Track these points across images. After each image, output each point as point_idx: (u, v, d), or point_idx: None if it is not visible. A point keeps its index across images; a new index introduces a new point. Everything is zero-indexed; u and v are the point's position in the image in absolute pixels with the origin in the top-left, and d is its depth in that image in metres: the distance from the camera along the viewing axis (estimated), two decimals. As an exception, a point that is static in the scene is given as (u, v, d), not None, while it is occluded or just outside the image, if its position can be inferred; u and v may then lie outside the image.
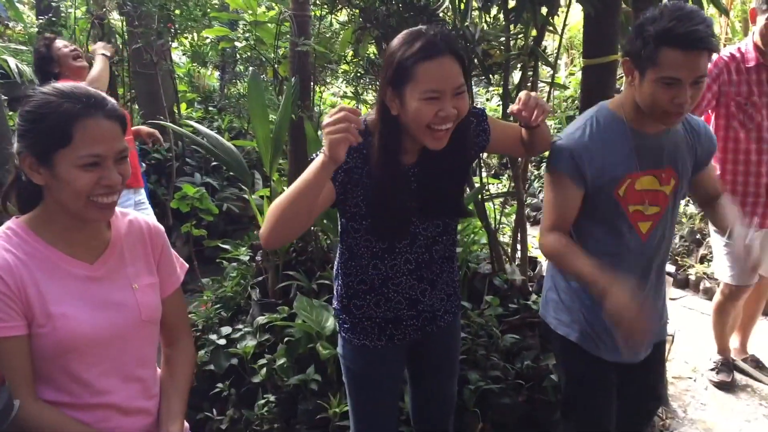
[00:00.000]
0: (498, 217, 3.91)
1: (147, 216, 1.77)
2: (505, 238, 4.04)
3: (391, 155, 1.74)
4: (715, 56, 3.09)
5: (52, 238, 1.47)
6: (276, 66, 4.23)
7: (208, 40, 5.40)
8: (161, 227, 1.70)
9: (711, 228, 3.32)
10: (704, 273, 4.73)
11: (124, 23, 5.51)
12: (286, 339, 2.94)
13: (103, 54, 3.77)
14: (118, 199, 1.49)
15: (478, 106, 2.29)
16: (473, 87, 3.68)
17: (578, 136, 1.96)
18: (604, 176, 1.95)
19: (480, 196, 3.38)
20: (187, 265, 1.79)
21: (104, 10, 5.45)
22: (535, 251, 4.12)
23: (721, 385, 3.52)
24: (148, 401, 1.63)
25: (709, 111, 3.09)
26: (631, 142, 1.94)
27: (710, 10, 4.77)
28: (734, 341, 3.66)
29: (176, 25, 5.15)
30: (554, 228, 2.02)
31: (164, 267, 1.68)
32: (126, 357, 1.55)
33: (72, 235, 1.49)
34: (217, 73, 7.82)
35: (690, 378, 3.63)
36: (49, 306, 1.42)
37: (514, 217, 3.67)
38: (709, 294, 4.45)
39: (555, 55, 3.87)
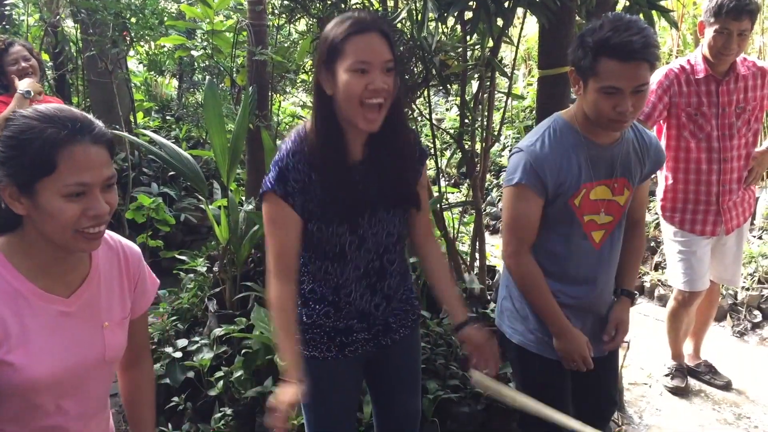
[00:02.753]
0: (456, 226, 3.93)
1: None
2: (463, 247, 4.06)
3: (331, 144, 1.76)
4: (666, 68, 3.16)
5: (29, 270, 1.37)
6: (233, 75, 4.20)
7: (164, 49, 5.34)
8: (137, 249, 1.61)
9: (664, 235, 3.38)
10: (659, 280, 4.82)
11: (78, 31, 5.41)
12: (243, 351, 2.91)
13: (22, 93, 3.28)
14: (105, 229, 1.40)
15: (438, 116, 2.31)
16: (432, 97, 3.70)
17: (538, 147, 1.98)
18: (562, 186, 1.97)
19: (439, 205, 3.39)
20: (158, 281, 1.70)
21: (58, 17, 5.34)
22: (493, 260, 4.15)
23: (675, 391, 3.58)
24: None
25: (661, 122, 3.16)
26: (585, 152, 1.97)
27: (662, 23, 4.89)
28: (688, 347, 3.72)
29: (132, 34, 5.08)
30: (522, 247, 2.04)
31: (138, 291, 1.60)
32: (79, 396, 1.48)
33: (51, 268, 1.39)
34: (174, 82, 7.73)
35: (645, 384, 3.68)
36: (11, 349, 1.33)
37: (472, 226, 3.70)
38: (663, 301, 4.53)
39: (512, 65, 3.91)
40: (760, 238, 4.94)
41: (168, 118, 6.86)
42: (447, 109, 8.01)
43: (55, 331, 1.39)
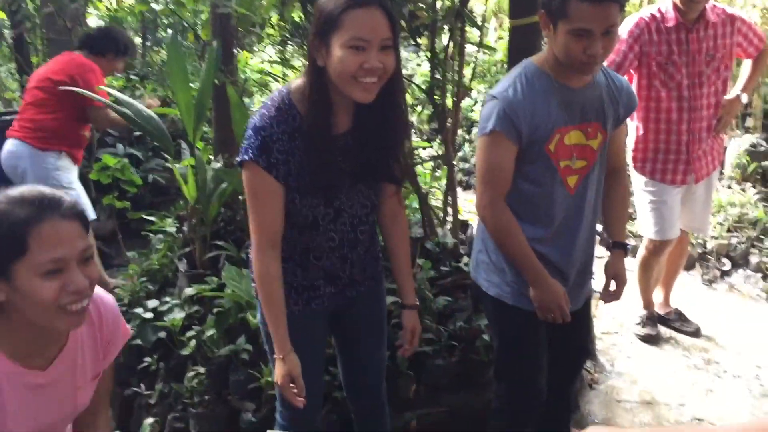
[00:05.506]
0: (429, 181, 3.91)
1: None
2: (436, 202, 4.04)
3: (321, 115, 1.69)
4: (636, 17, 3.13)
5: (11, 351, 1.38)
6: (198, 30, 4.09)
7: (125, 4, 5.17)
8: (112, 302, 1.59)
9: (635, 186, 3.39)
10: (630, 232, 4.85)
11: (35, -14, 5.22)
12: (215, 310, 2.87)
13: None
14: (89, 305, 1.39)
15: (409, 72, 2.26)
16: (402, 51, 3.63)
17: (511, 93, 1.95)
18: (537, 131, 1.96)
19: (411, 160, 3.36)
20: (130, 333, 1.68)
21: (12, -28, 5.14)
22: (466, 214, 4.14)
23: (646, 339, 3.63)
24: None
25: (632, 71, 3.14)
26: (557, 96, 1.96)
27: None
28: (658, 295, 3.77)
29: (91, -12, 4.91)
30: (496, 197, 2.02)
31: (111, 346, 1.60)
32: None
33: (31, 345, 1.40)
34: (137, 40, 7.51)
35: (617, 333, 3.73)
36: None
37: (444, 181, 3.68)
38: (634, 252, 4.57)
39: (482, 18, 3.85)
40: (729, 187, 4.99)
41: (132, 77, 6.65)
42: (418, 65, 7.91)
43: (31, 402, 1.42)
